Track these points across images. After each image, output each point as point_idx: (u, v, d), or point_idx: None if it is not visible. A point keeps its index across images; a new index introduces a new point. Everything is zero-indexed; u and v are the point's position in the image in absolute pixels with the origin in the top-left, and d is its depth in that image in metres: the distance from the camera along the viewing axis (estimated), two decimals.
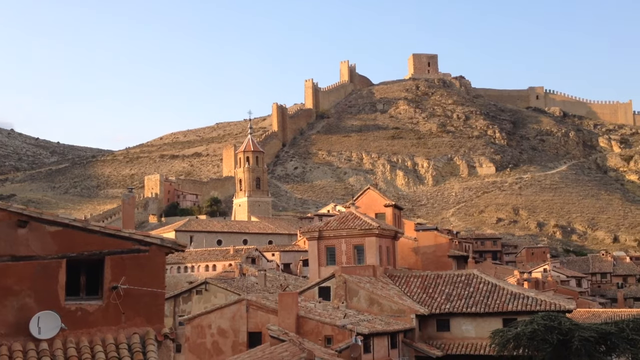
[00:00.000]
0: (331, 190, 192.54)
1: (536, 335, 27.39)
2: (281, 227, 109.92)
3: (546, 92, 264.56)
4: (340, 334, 28.96)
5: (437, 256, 60.14)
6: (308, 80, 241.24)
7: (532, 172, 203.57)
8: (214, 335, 32.02)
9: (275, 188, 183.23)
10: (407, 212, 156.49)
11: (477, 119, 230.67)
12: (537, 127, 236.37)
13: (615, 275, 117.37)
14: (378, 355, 30.86)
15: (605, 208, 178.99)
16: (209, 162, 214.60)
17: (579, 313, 55.13)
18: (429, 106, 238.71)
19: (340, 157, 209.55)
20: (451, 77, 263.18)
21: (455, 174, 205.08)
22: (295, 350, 20.23)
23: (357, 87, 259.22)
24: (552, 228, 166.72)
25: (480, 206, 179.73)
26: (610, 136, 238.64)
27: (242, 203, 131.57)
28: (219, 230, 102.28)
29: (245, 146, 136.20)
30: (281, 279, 56.12)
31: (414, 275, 41.79)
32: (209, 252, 76.00)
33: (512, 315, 34.32)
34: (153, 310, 14.70)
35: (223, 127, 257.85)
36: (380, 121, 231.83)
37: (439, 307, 36.68)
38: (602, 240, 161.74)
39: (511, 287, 38.58)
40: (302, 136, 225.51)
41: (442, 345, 35.61)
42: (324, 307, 33.39)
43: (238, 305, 31.91)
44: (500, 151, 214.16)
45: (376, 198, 55.83)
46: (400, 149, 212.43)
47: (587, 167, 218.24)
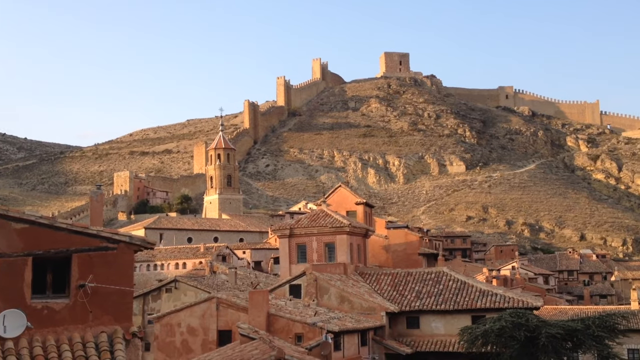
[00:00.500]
0: (302, 188, 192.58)
1: (504, 332, 27.70)
2: (252, 225, 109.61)
3: (515, 91, 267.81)
4: (310, 332, 28.98)
5: (407, 254, 60.50)
6: (280, 77, 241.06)
7: (502, 171, 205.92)
8: (184, 333, 31.81)
9: (246, 185, 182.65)
10: (378, 210, 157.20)
11: (448, 118, 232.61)
12: (506, 126, 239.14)
13: (581, 273, 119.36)
14: (348, 353, 30.96)
15: (573, 206, 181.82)
16: (179, 159, 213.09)
17: (546, 310, 55.93)
18: (400, 104, 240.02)
19: (311, 154, 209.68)
20: (422, 76, 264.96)
21: (426, 172, 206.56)
22: (265, 349, 20.19)
23: (329, 84, 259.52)
24: (521, 226, 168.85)
25: (450, 204, 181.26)
26: (578, 136, 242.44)
27: (213, 200, 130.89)
28: (190, 227, 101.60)
29: (216, 143, 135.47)
30: (252, 277, 55.97)
31: (385, 272, 41.99)
32: (179, 250, 75.46)
33: (481, 313, 34.67)
34: (121, 309, 14.56)
35: (194, 123, 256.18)
36: (352, 119, 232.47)
37: (409, 304, 36.91)
38: (569, 238, 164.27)
39: (480, 284, 38.97)
40: (274, 133, 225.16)
41: (411, 342, 35.85)
42: (294, 305, 33.39)
43: (208, 304, 31.74)
44: (470, 150, 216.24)
45: (347, 196, 55.95)
46: (372, 147, 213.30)
47: (555, 166, 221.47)
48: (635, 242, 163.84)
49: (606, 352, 29.47)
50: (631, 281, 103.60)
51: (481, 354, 30.00)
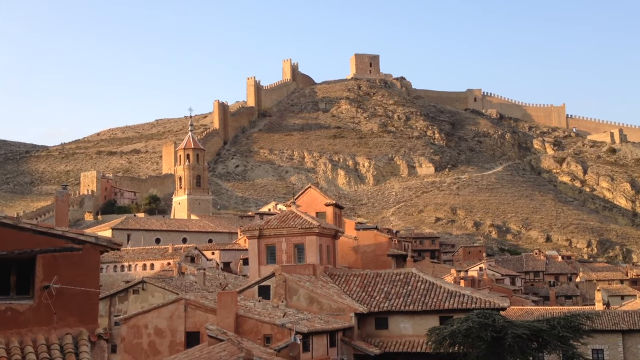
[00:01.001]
0: (272, 188, 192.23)
1: (471, 333, 27.96)
2: (221, 226, 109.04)
3: (484, 94, 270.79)
4: (279, 333, 28.92)
5: (376, 255, 60.73)
6: (250, 78, 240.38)
7: (470, 173, 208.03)
8: (151, 335, 31.49)
9: (216, 186, 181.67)
10: (348, 211, 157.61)
11: (417, 120, 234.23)
12: (474, 129, 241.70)
13: (547, 274, 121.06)
14: (317, 354, 30.96)
15: (539, 208, 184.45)
16: (148, 159, 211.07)
17: (512, 311, 56.64)
18: (370, 106, 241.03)
19: (281, 155, 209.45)
20: (392, 78, 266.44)
21: (396, 174, 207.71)
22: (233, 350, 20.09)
23: (299, 85, 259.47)
24: (488, 227, 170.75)
25: (419, 206, 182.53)
26: (544, 138, 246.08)
27: (181, 201, 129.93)
28: (158, 228, 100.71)
29: (185, 143, 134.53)
30: (221, 278, 55.68)
31: (354, 274, 42.08)
32: (147, 251, 74.75)
33: (449, 313, 34.93)
34: (86, 310, 14.36)
35: (163, 123, 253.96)
36: (322, 120, 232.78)
37: (377, 305, 37.04)
38: (535, 240, 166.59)
39: (448, 285, 39.29)
40: (244, 134, 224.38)
41: (380, 343, 35.98)
42: (263, 306, 33.29)
43: (176, 305, 31.47)
44: (440, 152, 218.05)
45: (317, 197, 55.99)
46: (342, 148, 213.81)
47: (522, 168, 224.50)
48: (600, 243, 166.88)
49: (571, 352, 29.93)
50: (595, 282, 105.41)
51: (449, 354, 30.24)
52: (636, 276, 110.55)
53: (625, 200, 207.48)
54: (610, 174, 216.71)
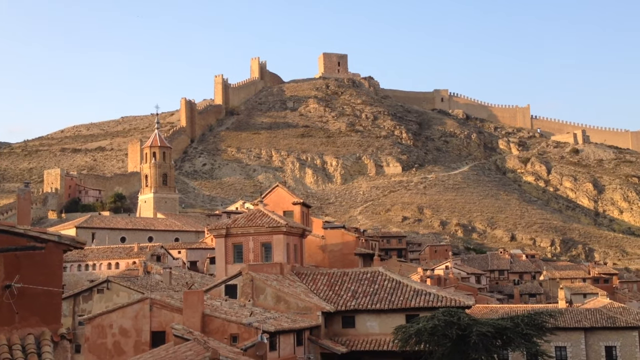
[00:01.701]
0: (240, 187, 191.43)
1: (437, 331, 28.21)
2: (188, 224, 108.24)
3: (450, 95, 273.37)
4: (246, 332, 28.81)
5: (344, 254, 60.96)
6: (218, 75, 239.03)
7: (436, 172, 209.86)
8: (116, 335, 31.12)
9: (182, 184, 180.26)
10: (316, 210, 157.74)
11: (385, 119, 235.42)
12: (441, 129, 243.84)
13: (512, 273, 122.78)
14: (284, 353, 30.92)
15: (504, 208, 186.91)
16: (113, 156, 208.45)
17: (477, 309, 57.34)
18: (338, 105, 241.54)
19: (249, 154, 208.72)
20: (360, 77, 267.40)
21: (363, 173, 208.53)
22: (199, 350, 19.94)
23: (267, 84, 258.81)
24: (454, 226, 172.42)
25: (386, 205, 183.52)
26: (509, 139, 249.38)
27: (147, 199, 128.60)
28: (123, 227, 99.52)
29: (151, 141, 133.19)
30: (187, 277, 55.27)
31: (321, 272, 42.13)
32: (112, 250, 73.82)
33: (415, 312, 35.18)
34: (49, 310, 14.13)
35: (129, 121, 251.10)
36: (290, 119, 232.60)
37: (344, 304, 37.13)
38: (500, 239, 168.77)
39: (414, 284, 39.57)
40: (211, 132, 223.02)
41: (347, 341, 36.07)
42: (230, 305, 33.14)
43: (141, 304, 31.13)
44: (407, 151, 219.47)
45: (285, 196, 55.96)
46: (310, 147, 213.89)
47: (488, 168, 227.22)
48: (563, 242, 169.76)
49: (534, 350, 30.40)
50: (559, 281, 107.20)
51: (415, 352, 30.48)
52: (598, 275, 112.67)
53: (587, 200, 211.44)
54: (573, 174, 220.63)
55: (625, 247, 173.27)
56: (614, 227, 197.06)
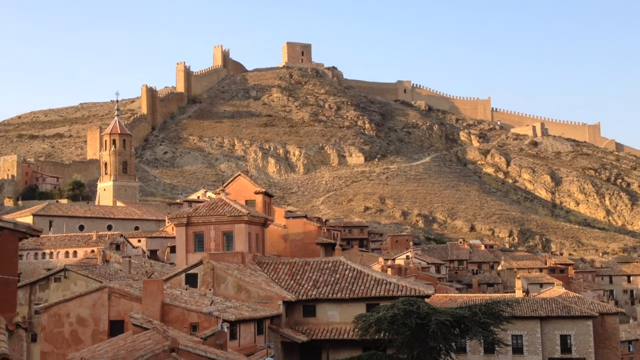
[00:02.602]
0: (202, 176, 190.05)
1: (396, 320, 28.48)
2: (148, 213, 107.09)
3: (413, 86, 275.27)
4: (206, 321, 28.69)
5: (305, 243, 61.00)
6: (180, 63, 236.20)
7: (399, 163, 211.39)
8: (73, 324, 30.67)
9: (143, 173, 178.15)
10: (278, 199, 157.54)
11: (348, 110, 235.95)
12: (404, 120, 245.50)
13: (471, 262, 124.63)
14: (244, 342, 30.89)
15: (464, 199, 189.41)
16: (71, 143, 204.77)
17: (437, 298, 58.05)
18: (301, 95, 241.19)
19: (211, 142, 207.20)
20: (324, 67, 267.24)
21: (326, 163, 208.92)
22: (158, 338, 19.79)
23: (230, 72, 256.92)
24: (416, 217, 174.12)
25: (349, 195, 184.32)
26: (470, 131, 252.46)
27: (107, 187, 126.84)
28: (82, 215, 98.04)
29: (111, 128, 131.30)
30: (147, 266, 54.74)
31: (283, 262, 42.13)
32: (70, 238, 72.68)
33: (375, 301, 35.45)
34: (4, 298, 13.86)
35: (88, 107, 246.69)
36: (253, 108, 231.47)
37: (306, 293, 37.22)
38: (460, 229, 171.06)
39: (375, 273, 39.82)
40: (173, 120, 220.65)
41: (307, 330, 36.21)
42: (190, 294, 32.94)
43: (99, 293, 30.73)
44: (369, 142, 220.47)
45: (247, 185, 55.69)
46: (273, 136, 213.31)
47: (449, 159, 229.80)
48: (521, 233, 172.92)
49: (491, 338, 30.94)
50: (516, 270, 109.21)
51: (374, 341, 30.74)
52: (554, 265, 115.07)
53: (545, 191, 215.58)
54: (531, 166, 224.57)
55: (581, 238, 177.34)
56: (571, 218, 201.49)
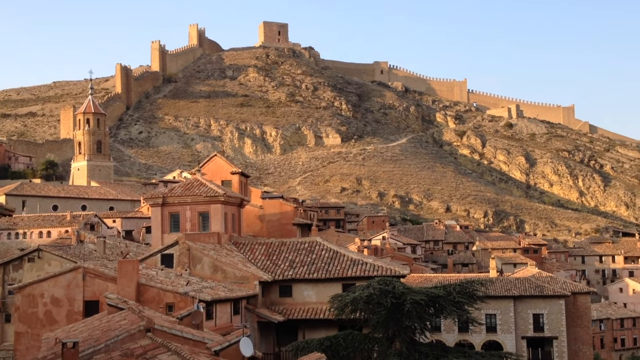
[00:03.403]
0: (177, 156, 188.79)
1: (372, 299, 28.66)
2: (123, 193, 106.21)
3: (390, 67, 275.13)
4: (182, 301, 28.64)
5: (282, 224, 60.95)
6: (155, 41, 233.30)
7: (375, 144, 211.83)
8: (47, 304, 30.44)
9: (118, 152, 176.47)
10: (255, 180, 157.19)
11: (325, 90, 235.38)
12: (380, 101, 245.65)
13: (446, 243, 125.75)
14: (220, 322, 30.91)
15: (440, 180, 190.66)
16: (45, 122, 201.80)
17: (412, 278, 58.62)
18: (278, 75, 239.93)
19: (187, 122, 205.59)
20: (301, 48, 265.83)
21: (303, 144, 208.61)
22: (134, 319, 19.69)
23: (206, 52, 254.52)
24: (392, 198, 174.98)
25: (325, 176, 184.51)
26: (447, 112, 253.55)
27: (81, 167, 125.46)
28: (55, 195, 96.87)
29: (85, 107, 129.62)
30: (122, 246, 54.39)
31: (259, 242, 42.09)
32: (43, 218, 71.87)
33: (351, 281, 35.62)
34: None
35: (61, 86, 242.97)
36: (230, 88, 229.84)
37: (282, 273, 37.28)
38: (436, 210, 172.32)
39: (351, 254, 39.97)
40: (148, 100, 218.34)
41: (284, 310, 36.32)
42: (166, 275, 32.82)
43: (74, 273, 30.48)
44: (346, 122, 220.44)
45: (223, 165, 55.38)
46: (249, 116, 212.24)
47: (425, 140, 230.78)
48: (496, 214, 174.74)
49: (465, 317, 31.33)
50: (490, 251, 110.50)
51: (350, 321, 30.93)
52: (528, 245, 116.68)
53: (520, 173, 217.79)
54: (506, 147, 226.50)
55: (555, 219, 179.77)
56: (544, 199, 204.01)
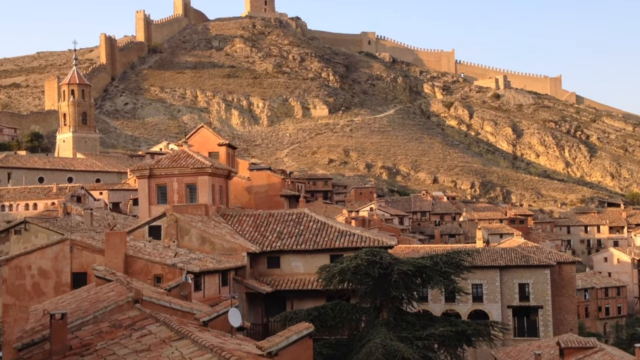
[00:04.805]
0: (164, 128, 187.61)
1: (359, 270, 28.80)
2: (110, 165, 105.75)
3: (378, 38, 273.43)
4: (170, 273, 28.67)
5: (269, 195, 61.05)
6: (139, 11, 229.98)
7: (363, 116, 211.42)
8: (35, 276, 30.37)
9: (103, 124, 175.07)
10: (242, 152, 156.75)
11: (312, 61, 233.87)
12: (368, 72, 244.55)
13: (433, 214, 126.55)
14: (208, 293, 31.02)
15: (427, 151, 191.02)
16: (29, 93, 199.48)
17: (400, 249, 58.96)
18: (265, 46, 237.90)
19: (173, 94, 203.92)
20: (287, 18, 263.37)
21: (290, 115, 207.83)
22: (122, 290, 19.69)
23: (191, 21, 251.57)
24: (380, 169, 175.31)
25: (313, 147, 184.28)
26: (434, 83, 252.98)
27: (66, 139, 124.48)
28: (41, 167, 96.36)
29: (70, 78, 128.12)
30: (109, 218, 54.28)
31: (247, 214, 42.11)
32: (29, 190, 71.55)
33: (339, 252, 35.78)
34: None
35: (45, 56, 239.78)
36: (216, 59, 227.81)
37: (270, 245, 37.37)
38: (423, 181, 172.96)
39: (339, 225, 40.11)
40: (133, 70, 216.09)
41: (272, 281, 36.48)
42: (154, 247, 32.80)
43: (61, 245, 30.37)
44: (334, 94, 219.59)
45: (210, 137, 55.23)
46: (236, 88, 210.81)
47: (412, 112, 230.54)
48: (483, 185, 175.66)
49: (452, 287, 31.60)
50: (477, 221, 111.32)
51: (338, 291, 31.13)
52: (514, 216, 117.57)
53: (507, 144, 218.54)
54: (494, 118, 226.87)
55: (541, 190, 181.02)
56: (531, 170, 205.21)
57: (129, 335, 14.99)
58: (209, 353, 12.23)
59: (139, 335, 14.79)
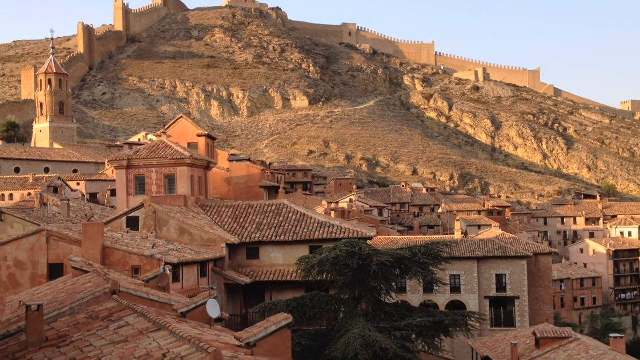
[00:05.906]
0: (142, 118, 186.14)
1: (339, 261, 28.87)
2: (87, 156, 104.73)
3: (358, 29, 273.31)
4: (148, 264, 28.52)
5: (249, 187, 60.84)
6: (118, 0, 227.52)
7: (343, 107, 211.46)
8: (10, 267, 30.06)
9: (81, 114, 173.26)
10: (222, 142, 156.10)
11: (293, 52, 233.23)
12: (348, 63, 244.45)
13: (412, 205, 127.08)
14: (187, 284, 30.91)
15: (407, 143, 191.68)
16: (5, 83, 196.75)
17: (379, 240, 59.20)
18: (245, 36, 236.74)
19: (152, 84, 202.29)
20: (268, 8, 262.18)
21: (270, 106, 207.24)
22: (99, 281, 19.55)
23: (171, 11, 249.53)
24: (359, 161, 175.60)
25: (293, 138, 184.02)
26: (414, 75, 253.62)
27: (43, 129, 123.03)
28: (17, 157, 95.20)
29: (47, 67, 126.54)
30: (87, 209, 53.80)
31: (226, 205, 41.97)
32: (5, 181, 70.70)
33: (318, 243, 35.82)
34: None
35: (22, 45, 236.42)
36: (196, 49, 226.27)
37: (249, 236, 37.30)
38: (403, 173, 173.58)
39: (319, 216, 40.12)
40: (111, 60, 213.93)
41: (251, 272, 36.45)
42: (132, 238, 32.60)
43: (37, 236, 30.07)
44: (314, 85, 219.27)
45: (189, 127, 54.85)
46: (216, 78, 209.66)
47: (393, 103, 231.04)
48: (461, 177, 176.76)
49: (430, 278, 31.81)
50: (456, 213, 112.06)
51: (317, 282, 31.19)
52: (492, 207, 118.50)
53: (485, 136, 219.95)
54: (473, 110, 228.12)
55: (519, 182, 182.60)
56: (509, 162, 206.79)
57: (106, 327, 14.90)
58: (187, 344, 12.19)
59: (116, 327, 14.71)
